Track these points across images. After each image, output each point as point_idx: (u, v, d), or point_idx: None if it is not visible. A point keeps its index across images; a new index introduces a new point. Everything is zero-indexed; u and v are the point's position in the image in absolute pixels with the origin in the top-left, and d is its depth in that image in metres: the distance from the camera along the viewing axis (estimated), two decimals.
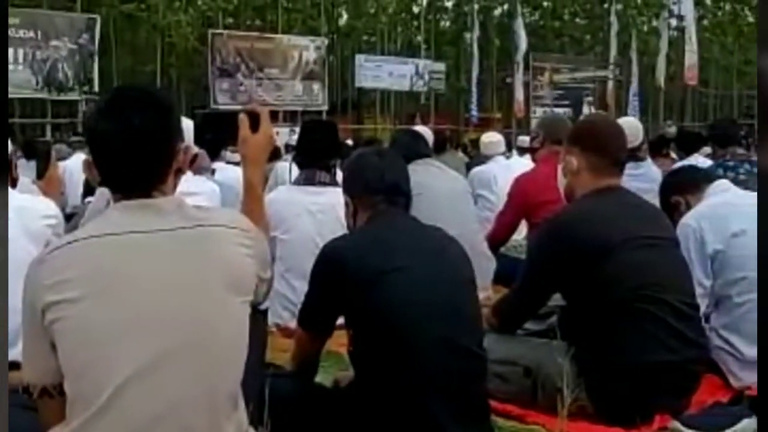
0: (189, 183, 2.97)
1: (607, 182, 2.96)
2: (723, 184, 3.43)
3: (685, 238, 3.14)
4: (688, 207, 3.38)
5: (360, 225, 2.58)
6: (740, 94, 32.39)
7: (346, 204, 2.64)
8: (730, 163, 5.62)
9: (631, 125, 6.20)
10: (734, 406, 2.73)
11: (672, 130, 17.61)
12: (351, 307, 2.37)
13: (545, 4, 31.62)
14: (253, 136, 2.24)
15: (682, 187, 3.48)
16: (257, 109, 2.28)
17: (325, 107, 25.32)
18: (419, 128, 7.00)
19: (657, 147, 8.04)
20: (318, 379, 2.69)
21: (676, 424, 2.62)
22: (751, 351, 3.02)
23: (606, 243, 2.74)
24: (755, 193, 3.27)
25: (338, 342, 2.67)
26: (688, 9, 24.46)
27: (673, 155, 8.07)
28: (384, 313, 2.31)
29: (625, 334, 2.69)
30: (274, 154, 8.80)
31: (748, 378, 3.00)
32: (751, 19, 30.22)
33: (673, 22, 28.66)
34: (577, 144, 3.03)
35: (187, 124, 2.10)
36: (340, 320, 2.48)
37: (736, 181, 5.40)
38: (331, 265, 2.41)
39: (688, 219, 3.22)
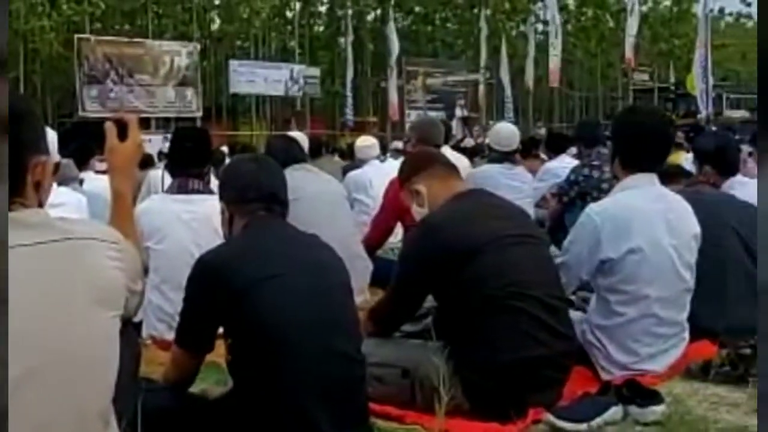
0: (53, 194, 2.87)
1: (461, 186, 3.08)
2: (645, 178, 3.28)
3: (583, 228, 3.22)
4: (613, 159, 3.37)
5: (236, 233, 2.56)
6: (604, 96, 33.74)
7: (222, 211, 2.62)
8: (596, 163, 5.85)
9: (510, 131, 6.46)
10: (602, 396, 2.84)
11: (542, 131, 18.20)
12: (228, 318, 2.34)
13: (417, 9, 32.08)
14: (120, 144, 2.19)
15: (624, 152, 3.32)
16: (125, 117, 2.23)
17: (199, 113, 24.90)
18: (294, 133, 6.99)
19: (527, 148, 8.31)
20: (194, 389, 2.64)
21: (549, 417, 2.71)
22: (619, 356, 3.16)
23: (474, 243, 2.80)
24: (671, 196, 3.39)
25: (216, 352, 2.63)
26: (552, 14, 25.32)
27: (543, 156, 8.34)
28: (260, 321, 2.29)
29: (497, 331, 2.76)
30: (147, 162, 8.60)
31: (616, 370, 3.14)
32: (611, 24, 31.54)
33: (540, 26, 29.64)
34: (415, 173, 3.16)
35: (51, 135, 2.03)
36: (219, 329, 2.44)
37: (600, 180, 5.66)
38: (205, 278, 2.37)
39: (594, 213, 3.21)
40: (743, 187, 4.29)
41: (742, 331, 3.53)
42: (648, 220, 3.19)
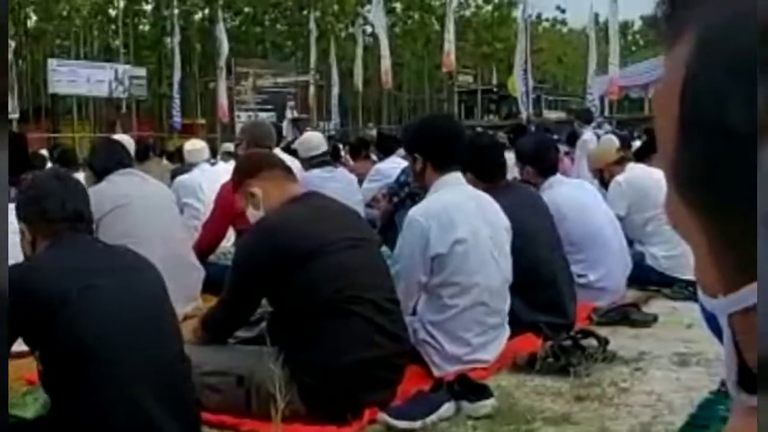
0: None
1: (297, 188, 3.09)
2: (455, 177, 3.43)
3: (411, 231, 3.28)
4: (423, 167, 3.42)
5: (39, 251, 2.43)
6: (431, 97, 34.58)
7: (22, 232, 2.47)
8: None
9: (316, 137, 7.00)
10: (435, 393, 2.91)
11: (373, 132, 18.44)
12: (38, 336, 2.23)
13: (246, 9, 31.74)
14: None
15: (434, 156, 3.42)
16: None
17: (16, 115, 23.57)
18: (119, 136, 6.77)
19: (356, 149, 8.40)
20: (20, 412, 2.50)
21: (384, 416, 2.75)
22: (452, 348, 3.26)
23: (309, 246, 2.81)
24: (478, 192, 3.49)
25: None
26: (378, 18, 25.71)
27: (373, 157, 8.45)
28: (77, 335, 2.20)
29: (332, 334, 2.77)
30: None
31: (448, 366, 3.23)
32: (437, 27, 32.38)
33: (368, 29, 30.04)
34: (250, 175, 3.12)
35: None
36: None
37: None
38: (12, 292, 2.25)
39: (418, 215, 3.30)
40: (561, 186, 4.52)
41: (562, 325, 3.73)
42: (466, 213, 3.33)
